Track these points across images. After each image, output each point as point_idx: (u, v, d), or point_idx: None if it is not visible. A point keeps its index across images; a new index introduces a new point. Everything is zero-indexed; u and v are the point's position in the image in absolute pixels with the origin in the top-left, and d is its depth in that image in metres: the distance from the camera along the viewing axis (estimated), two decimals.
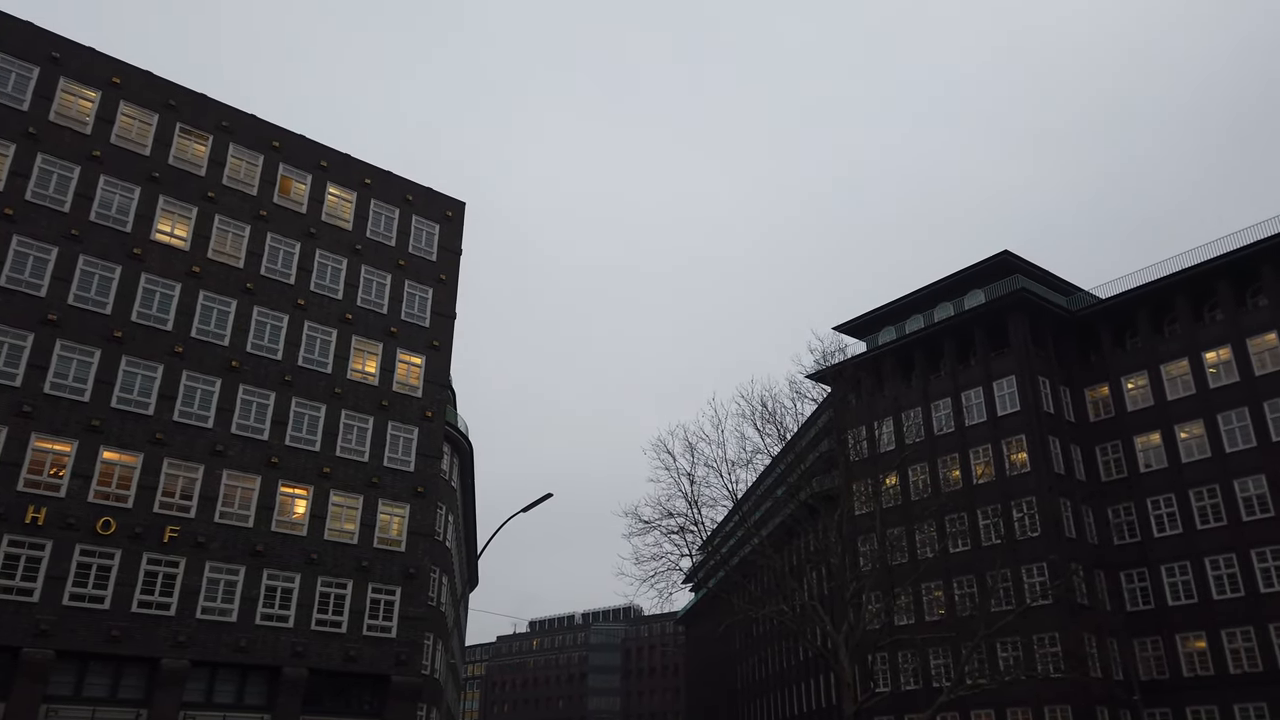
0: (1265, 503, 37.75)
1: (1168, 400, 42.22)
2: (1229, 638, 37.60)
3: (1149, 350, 43.57)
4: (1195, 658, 38.54)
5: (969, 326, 47.17)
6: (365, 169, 36.48)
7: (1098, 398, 45.20)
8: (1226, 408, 40.05)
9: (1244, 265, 41.21)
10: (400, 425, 33.74)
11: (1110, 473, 43.62)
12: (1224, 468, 39.39)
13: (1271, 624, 36.40)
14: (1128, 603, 41.11)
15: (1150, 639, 40.05)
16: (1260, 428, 38.68)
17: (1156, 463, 41.94)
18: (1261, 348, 39.64)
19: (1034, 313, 45.54)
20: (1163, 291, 43.74)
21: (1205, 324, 42.41)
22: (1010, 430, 43.52)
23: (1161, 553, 40.59)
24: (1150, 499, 41.63)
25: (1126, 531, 42.16)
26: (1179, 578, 39.86)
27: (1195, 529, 39.71)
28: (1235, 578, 37.97)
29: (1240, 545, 38.04)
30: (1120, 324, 45.98)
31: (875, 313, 52.72)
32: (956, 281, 48.95)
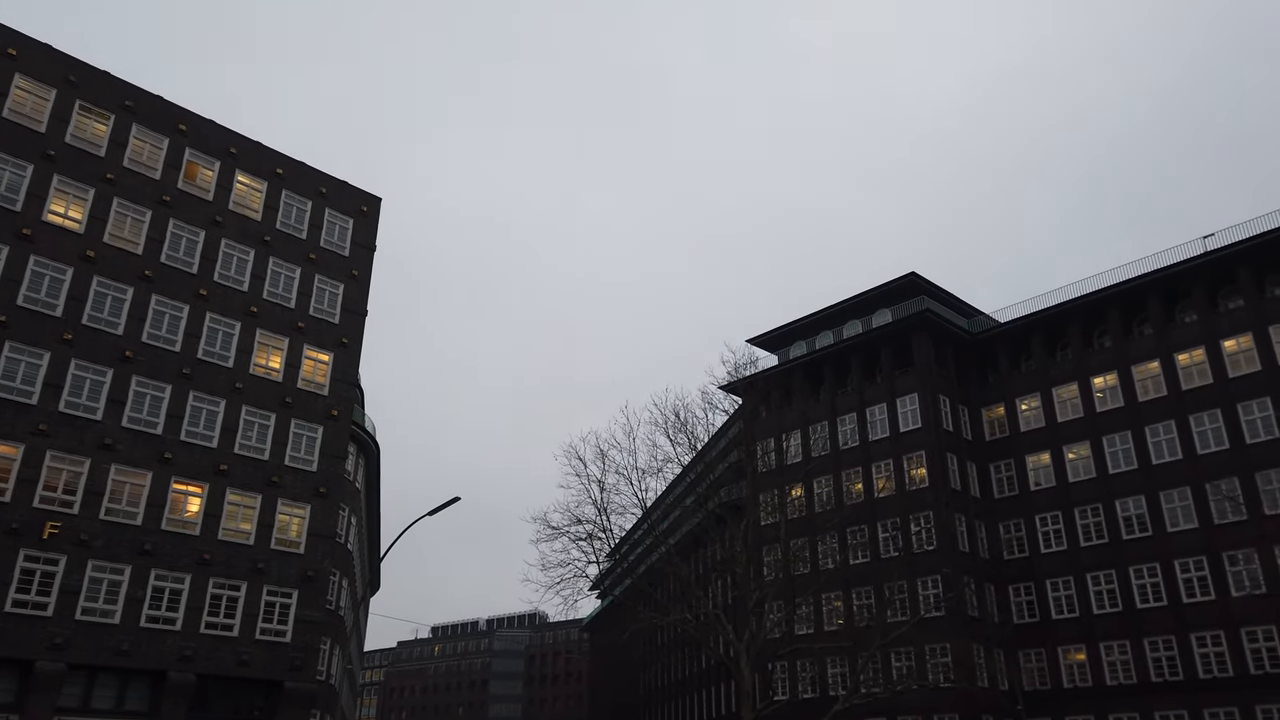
0: (1144, 522, 39.87)
1: (1058, 422, 44.24)
2: (1106, 650, 39.55)
3: (1042, 374, 45.61)
4: (1075, 669, 40.39)
5: (876, 344, 48.55)
6: (277, 158, 35.45)
7: (994, 417, 47.06)
8: (1111, 430, 42.18)
9: (1131, 296, 43.53)
10: (304, 423, 32.81)
11: (1003, 490, 45.44)
12: (1107, 488, 41.47)
13: (1146, 638, 38.44)
14: (1015, 615, 42.84)
15: (1035, 650, 41.80)
16: (1141, 451, 40.87)
17: (1045, 481, 43.88)
18: (1145, 375, 41.92)
19: (937, 333, 47.16)
20: (1056, 318, 45.86)
21: (1094, 350, 44.62)
22: (911, 446, 44.91)
23: (1048, 568, 42.46)
24: (1039, 516, 43.52)
25: (1016, 547, 43.96)
26: (1063, 592, 41.74)
27: (1079, 546, 41.67)
28: (1115, 593, 39.99)
29: (1120, 562, 40.08)
30: (1017, 347, 48.00)
31: (788, 327, 53.77)
32: (866, 300, 50.33)
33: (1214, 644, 36.61)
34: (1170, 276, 42.09)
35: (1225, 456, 38.17)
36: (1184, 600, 37.86)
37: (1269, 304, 39.08)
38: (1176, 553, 38.53)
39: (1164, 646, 37.93)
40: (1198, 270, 41.26)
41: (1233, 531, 36.99)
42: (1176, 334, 41.59)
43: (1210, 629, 36.81)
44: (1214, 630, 36.70)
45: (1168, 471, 39.73)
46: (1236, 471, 37.54)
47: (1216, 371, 39.61)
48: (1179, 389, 40.55)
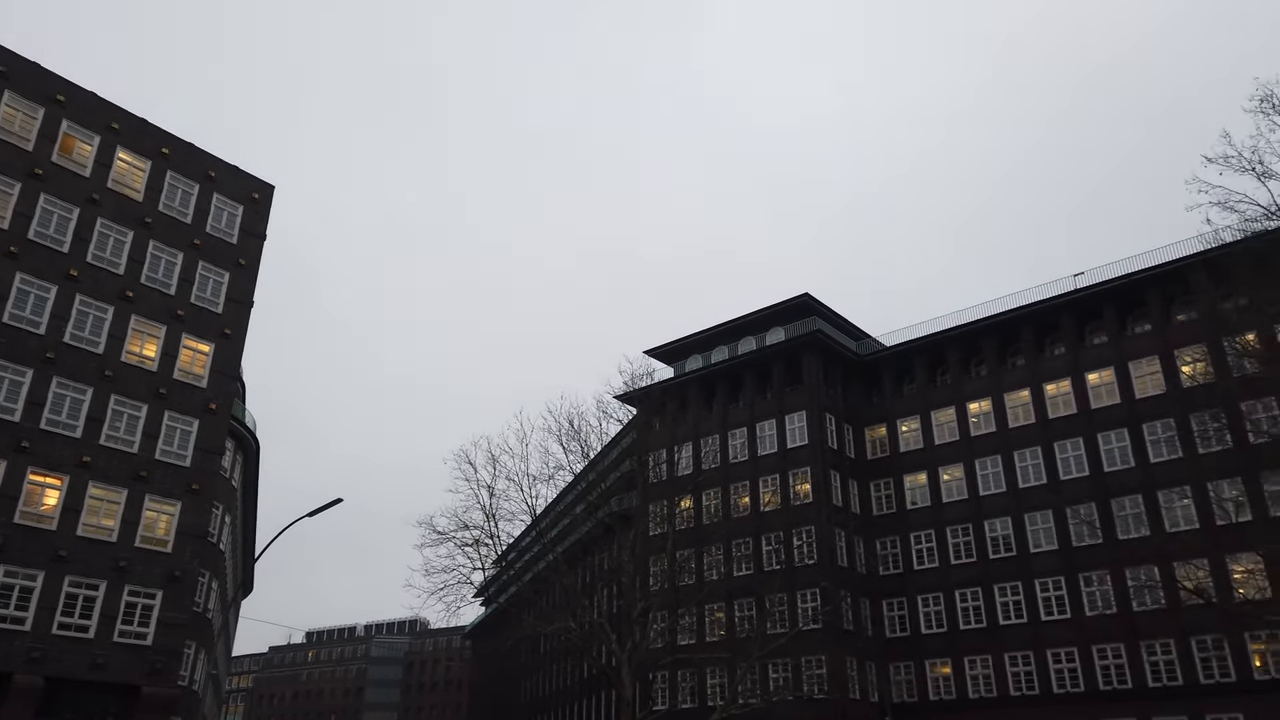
0: (1009, 543, 41.98)
1: (935, 444, 46.20)
2: (970, 664, 41.42)
3: (922, 397, 47.57)
4: (941, 682, 42.13)
5: (768, 361, 49.69)
6: (164, 137, 33.83)
7: (876, 437, 48.78)
8: (984, 454, 44.32)
9: (1006, 328, 45.88)
10: (179, 416, 31.32)
11: (882, 507, 47.10)
12: (978, 509, 43.52)
13: (1007, 653, 40.43)
14: (888, 629, 44.41)
15: (905, 663, 43.41)
16: (1010, 475, 43.07)
17: (921, 501, 45.72)
18: (1016, 403, 44.21)
19: (826, 354, 48.61)
20: (937, 345, 47.93)
21: (971, 377, 46.81)
22: (797, 462, 46.10)
23: (920, 584, 44.22)
24: (914, 534, 45.29)
25: (892, 563, 45.61)
26: (933, 608, 43.51)
27: (950, 563, 43.55)
28: (980, 610, 41.94)
29: (986, 580, 42.08)
30: (901, 371, 49.91)
31: (685, 341, 54.46)
32: (760, 318, 51.46)
33: (1068, 660, 38.78)
34: (1042, 311, 44.56)
35: (1085, 483, 40.57)
36: (1042, 618, 39.99)
37: (1129, 341, 41.82)
38: (1038, 572, 40.69)
39: (1023, 661, 39.97)
40: (1067, 306, 43.83)
41: (1089, 554, 39.31)
42: (1045, 365, 44.05)
43: (1065, 645, 38.98)
44: (1068, 647, 38.88)
45: (1033, 495, 41.97)
46: (1095, 497, 39.94)
47: (1080, 402, 42.11)
48: (1046, 417, 42.92)
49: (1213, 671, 35.14)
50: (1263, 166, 22.26)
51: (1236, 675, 34.46)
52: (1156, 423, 39.45)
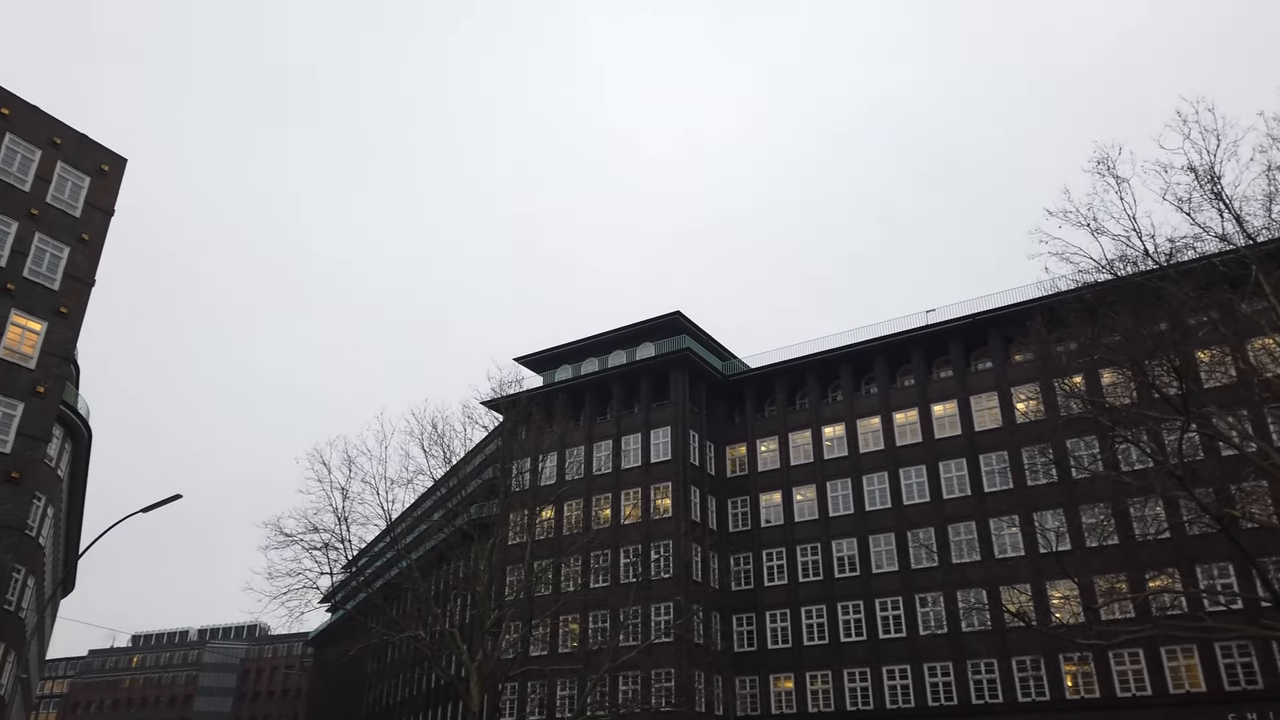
0: (854, 563, 43.87)
1: (790, 465, 47.84)
2: (812, 680, 42.95)
3: (781, 419, 49.20)
4: (784, 696, 43.49)
5: (637, 376, 50.27)
6: (5, 97, 31.29)
7: (736, 455, 50.10)
8: (835, 477, 46.21)
9: (861, 357, 48.09)
10: (1, 398, 28.89)
11: (738, 524, 48.34)
12: (826, 529, 45.30)
13: (846, 669, 42.15)
14: (736, 644, 45.53)
15: (750, 678, 44.59)
16: (858, 498, 45.06)
17: (775, 519, 47.22)
18: (867, 429, 46.35)
19: (694, 372, 49.62)
20: (798, 369, 49.73)
21: (828, 402, 48.78)
22: (660, 477, 46.78)
23: (769, 600, 45.58)
24: (766, 551, 46.69)
25: (744, 579, 46.84)
26: (779, 624, 44.92)
27: (798, 581, 45.11)
28: (824, 627, 43.58)
29: (831, 599, 43.81)
30: (763, 392, 51.48)
31: (556, 350, 54.41)
32: (632, 333, 52.04)
33: (901, 677, 40.79)
34: (895, 343, 46.96)
35: (926, 509, 42.90)
36: (880, 636, 41.95)
37: (972, 376, 44.59)
38: (878, 592, 42.68)
39: (860, 678, 41.76)
40: (918, 340, 46.38)
41: (925, 576, 41.55)
42: (896, 395, 46.40)
43: (900, 663, 40.99)
44: (903, 664, 40.91)
45: (879, 518, 44.04)
46: (934, 522, 42.29)
47: (925, 432, 44.55)
48: (894, 444, 45.19)
49: (1030, 690, 37.74)
50: (1096, 223, 24.16)
51: (1050, 694, 37.15)
52: (992, 455, 42.21)
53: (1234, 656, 34.33)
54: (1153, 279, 24.02)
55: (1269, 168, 22.47)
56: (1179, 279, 23.97)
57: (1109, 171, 23.88)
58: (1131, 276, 24.09)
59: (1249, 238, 22.93)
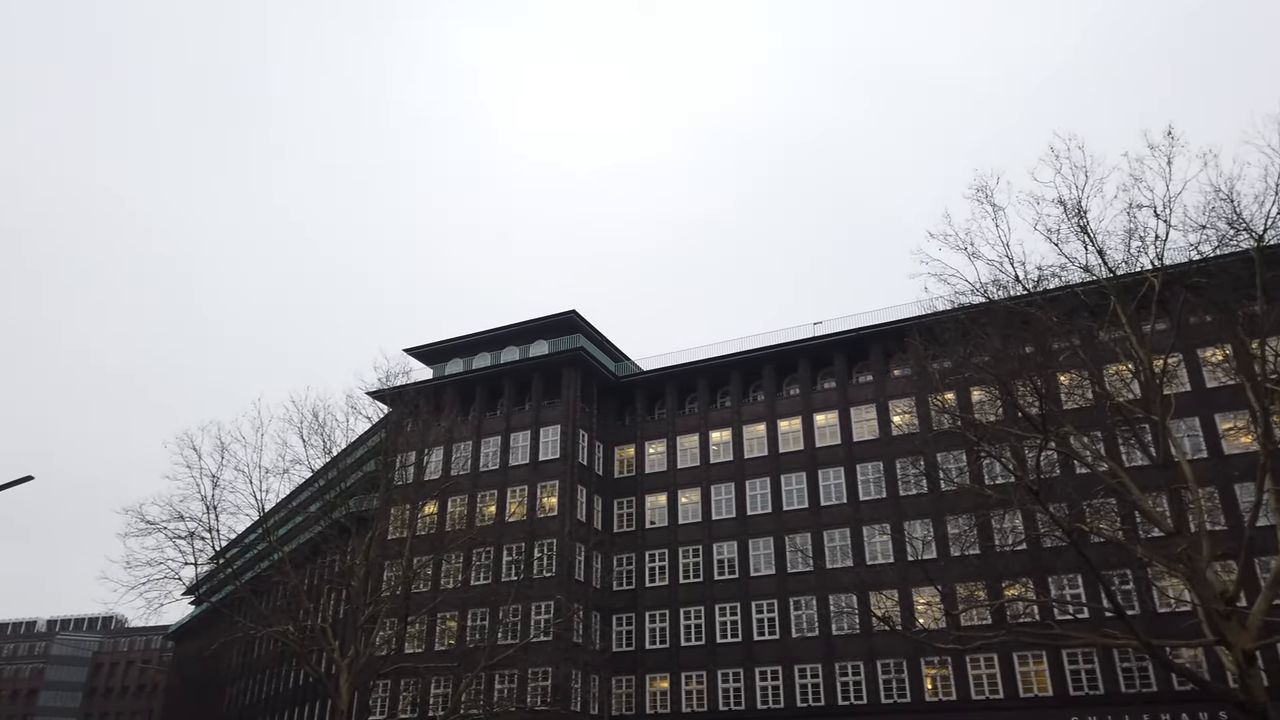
0: (734, 566, 44.79)
1: (677, 468, 48.47)
2: (687, 680, 43.60)
3: (670, 422, 49.81)
4: (659, 696, 44.00)
5: (529, 373, 50.02)
6: None
7: (624, 457, 50.43)
8: (719, 481, 47.06)
9: (750, 364, 49.16)
10: None
11: (622, 525, 48.67)
12: (709, 532, 46.11)
13: (721, 670, 42.97)
14: (615, 644, 45.82)
15: (627, 678, 44.93)
16: (740, 502, 46.01)
17: (659, 521, 47.75)
18: (753, 435, 47.40)
19: (586, 371, 49.71)
20: (689, 374, 50.45)
21: (716, 408, 49.66)
22: (547, 476, 46.67)
23: (649, 601, 46.05)
24: (649, 552, 47.16)
25: (626, 579, 47.18)
26: (658, 624, 45.43)
27: (679, 582, 45.73)
28: (701, 628, 44.31)
29: (709, 600, 44.60)
30: (653, 395, 52.02)
31: (447, 343, 53.59)
32: (526, 329, 51.75)
33: (773, 678, 41.86)
34: (782, 353, 48.21)
35: (804, 514, 44.17)
36: (755, 638, 42.95)
37: (854, 388, 46.17)
38: (755, 595, 43.69)
39: (734, 679, 42.64)
40: (803, 351, 47.75)
41: (800, 580, 42.77)
42: (782, 404, 47.63)
43: (773, 664, 42.05)
44: (775, 665, 41.98)
45: (759, 522, 45.08)
46: (811, 528, 43.58)
47: (807, 440, 45.89)
48: (777, 451, 46.36)
49: (892, 692, 39.33)
50: (973, 248, 25.48)
51: (911, 696, 38.80)
52: (868, 464, 43.82)
53: (1079, 663, 36.63)
54: (1021, 304, 25.48)
55: (1130, 205, 24.15)
56: (1045, 305, 25.52)
57: (987, 199, 25.21)
58: (1002, 300, 25.50)
59: (1109, 270, 24.58)
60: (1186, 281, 24.92)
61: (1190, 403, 37.27)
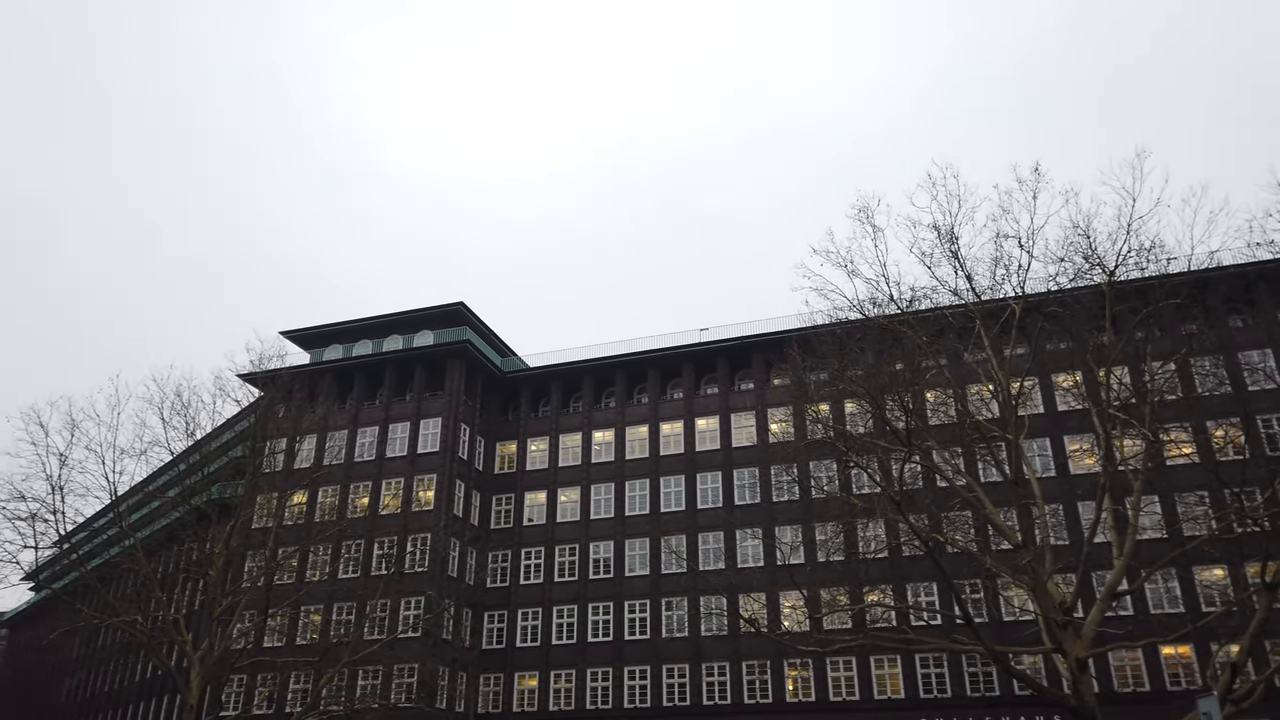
0: (609, 565, 45.03)
1: (559, 466, 48.41)
2: (556, 678, 43.57)
3: (554, 420, 49.70)
4: (528, 694, 43.82)
5: (412, 363, 49.01)
6: None
7: (506, 453, 50.02)
8: (600, 481, 47.23)
9: (635, 366, 49.57)
10: None
11: (500, 522, 48.25)
12: (586, 531, 46.22)
13: (590, 669, 43.11)
14: (485, 641, 45.37)
15: (496, 675, 44.57)
16: (620, 503, 46.30)
17: (538, 519, 47.57)
18: (635, 437, 47.79)
19: (471, 365, 49.06)
20: (574, 373, 50.48)
21: (600, 408, 49.85)
22: (426, 469, 45.82)
23: (522, 599, 45.81)
24: (526, 549, 46.91)
25: (500, 576, 46.78)
26: (531, 622, 45.25)
27: (554, 581, 45.66)
28: (573, 627, 44.36)
29: (583, 599, 44.69)
30: (538, 392, 51.79)
31: (327, 328, 51.96)
32: (411, 319, 50.70)
33: (642, 677, 42.26)
34: (668, 357, 48.82)
35: (681, 517, 44.81)
36: (626, 637, 43.29)
37: (735, 395, 47.16)
38: (628, 595, 44.06)
39: (603, 678, 42.85)
40: (688, 356, 48.51)
41: (673, 581, 43.35)
42: (665, 406, 48.21)
43: (642, 664, 42.45)
44: (644, 665, 42.40)
45: (635, 523, 45.48)
46: (687, 530, 44.25)
47: (688, 444, 46.60)
48: (658, 454, 46.89)
49: (756, 693, 40.33)
50: (853, 266, 26.46)
51: (774, 697, 39.89)
52: (745, 470, 44.85)
53: (930, 667, 38.45)
54: (894, 322, 26.58)
55: (997, 235, 25.54)
56: (916, 325, 26.68)
57: (868, 220, 26.22)
58: (877, 318, 26.55)
59: (976, 295, 25.92)
60: (1044, 310, 26.51)
61: (1042, 424, 39.68)
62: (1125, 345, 25.13)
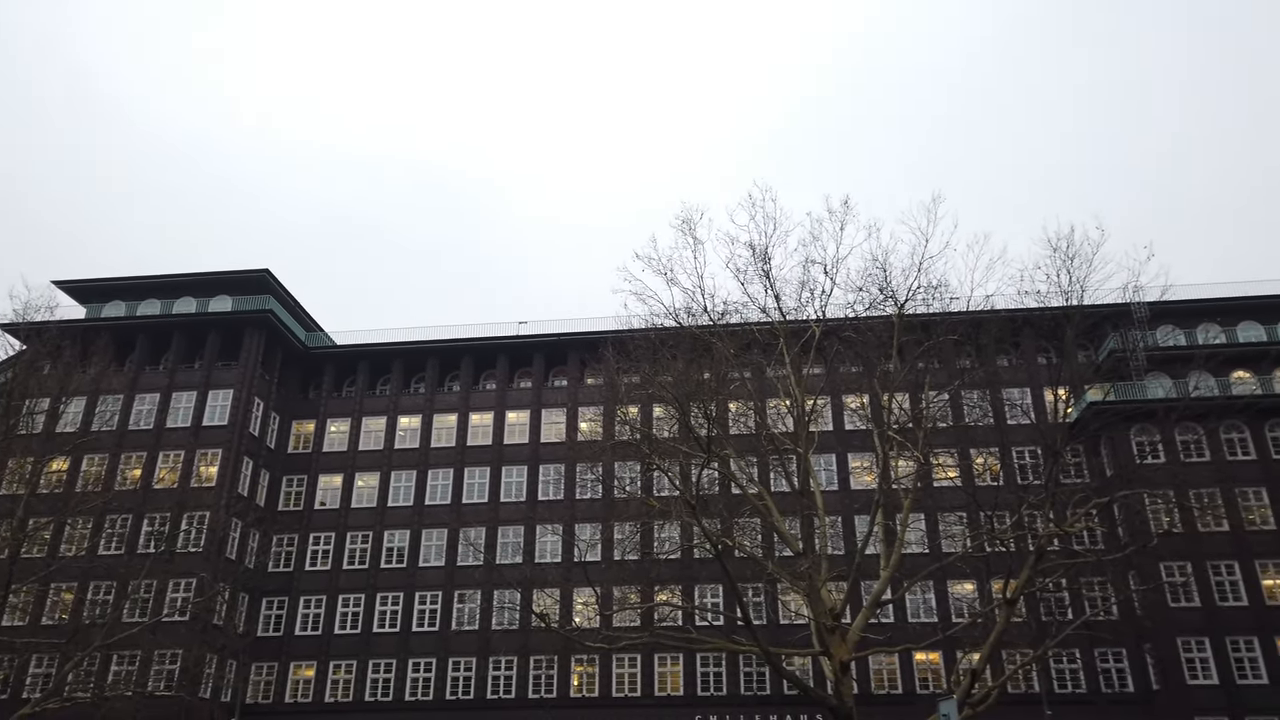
0: (403, 555, 43.85)
1: (359, 450, 46.66)
2: (336, 669, 41.94)
3: (358, 402, 47.87)
4: (303, 685, 41.91)
5: (205, 328, 45.82)
6: None
7: (303, 432, 47.66)
8: (402, 468, 45.97)
9: (448, 353, 48.61)
10: None
11: (289, 504, 45.89)
12: (382, 518, 44.85)
13: (374, 660, 41.76)
14: (262, 628, 42.98)
15: (269, 664, 42.32)
16: (420, 491, 45.19)
17: (331, 503, 45.65)
18: (442, 425, 46.85)
19: (273, 336, 46.42)
20: (383, 355, 48.85)
21: (409, 393, 48.49)
22: (210, 443, 42.93)
23: (307, 585, 43.79)
24: (315, 534, 44.87)
25: (284, 561, 44.48)
26: (313, 610, 43.30)
27: (342, 568, 43.96)
28: (359, 616, 42.82)
29: (373, 588, 43.31)
30: (344, 371, 49.73)
31: (109, 282, 47.66)
32: (208, 281, 47.37)
33: (427, 670, 41.44)
34: (484, 347, 48.23)
35: (483, 509, 44.36)
36: (414, 629, 42.31)
37: (548, 391, 47.24)
38: (421, 586, 43.15)
39: (386, 669, 41.66)
40: (504, 348, 48.15)
41: (468, 574, 42.78)
42: (476, 397, 47.60)
43: (429, 656, 41.59)
44: (430, 657, 41.57)
45: (435, 513, 44.59)
46: (487, 523, 43.85)
47: (496, 436, 46.20)
48: (465, 444, 46.21)
49: (541, 688, 40.52)
50: (672, 275, 27.23)
51: (558, 692, 40.23)
52: (551, 466, 45.00)
53: (709, 666, 40.07)
54: (706, 333, 27.58)
55: (806, 260, 27.07)
56: (726, 337, 27.79)
57: (689, 231, 27.07)
58: (691, 327, 27.45)
59: (782, 314, 27.33)
60: (841, 334, 28.31)
61: (830, 441, 42.34)
62: (907, 374, 27.27)
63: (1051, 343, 30.80)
